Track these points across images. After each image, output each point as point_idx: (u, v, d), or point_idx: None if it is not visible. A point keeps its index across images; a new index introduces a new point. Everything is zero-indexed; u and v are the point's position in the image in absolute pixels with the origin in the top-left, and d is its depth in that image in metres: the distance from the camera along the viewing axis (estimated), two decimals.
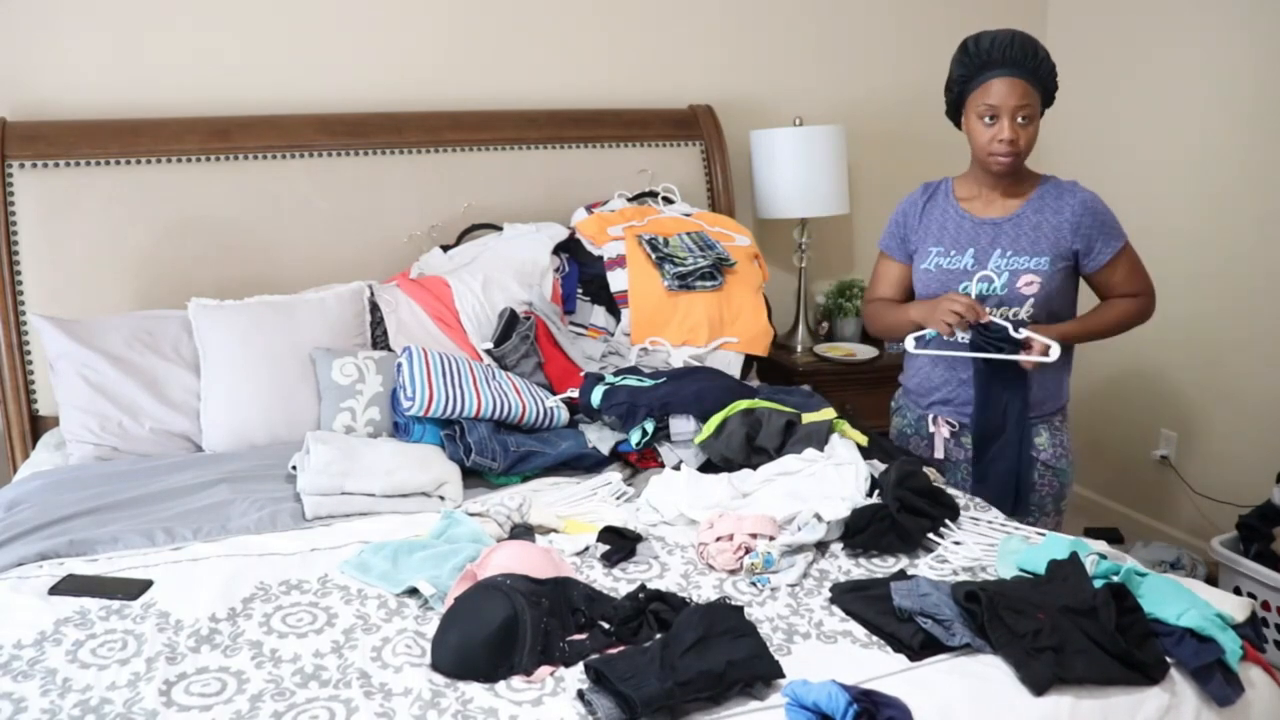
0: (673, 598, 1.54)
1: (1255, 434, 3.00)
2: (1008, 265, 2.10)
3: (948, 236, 2.18)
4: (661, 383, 2.24)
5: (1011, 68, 2.02)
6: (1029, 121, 2.04)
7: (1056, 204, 2.11)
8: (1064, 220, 2.09)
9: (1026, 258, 2.09)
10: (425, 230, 2.81)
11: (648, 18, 3.14)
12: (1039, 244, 2.10)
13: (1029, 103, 2.03)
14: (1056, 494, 2.21)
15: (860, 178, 3.39)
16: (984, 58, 2.04)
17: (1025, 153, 2.08)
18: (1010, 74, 2.02)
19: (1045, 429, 2.18)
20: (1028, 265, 2.09)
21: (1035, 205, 2.12)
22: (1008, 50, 2.01)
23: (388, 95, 2.88)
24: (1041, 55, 2.03)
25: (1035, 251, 2.09)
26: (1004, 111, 2.03)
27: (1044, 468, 2.18)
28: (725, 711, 1.31)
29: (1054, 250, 2.09)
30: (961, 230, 2.17)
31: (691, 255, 2.70)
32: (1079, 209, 2.09)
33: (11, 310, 2.44)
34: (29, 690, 1.35)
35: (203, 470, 2.09)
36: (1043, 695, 1.34)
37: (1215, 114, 3.04)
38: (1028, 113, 2.03)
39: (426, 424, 2.20)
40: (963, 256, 2.15)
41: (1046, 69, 2.05)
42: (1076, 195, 2.11)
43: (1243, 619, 1.51)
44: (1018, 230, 2.12)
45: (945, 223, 2.19)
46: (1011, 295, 2.10)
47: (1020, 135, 2.04)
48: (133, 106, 2.65)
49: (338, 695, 1.35)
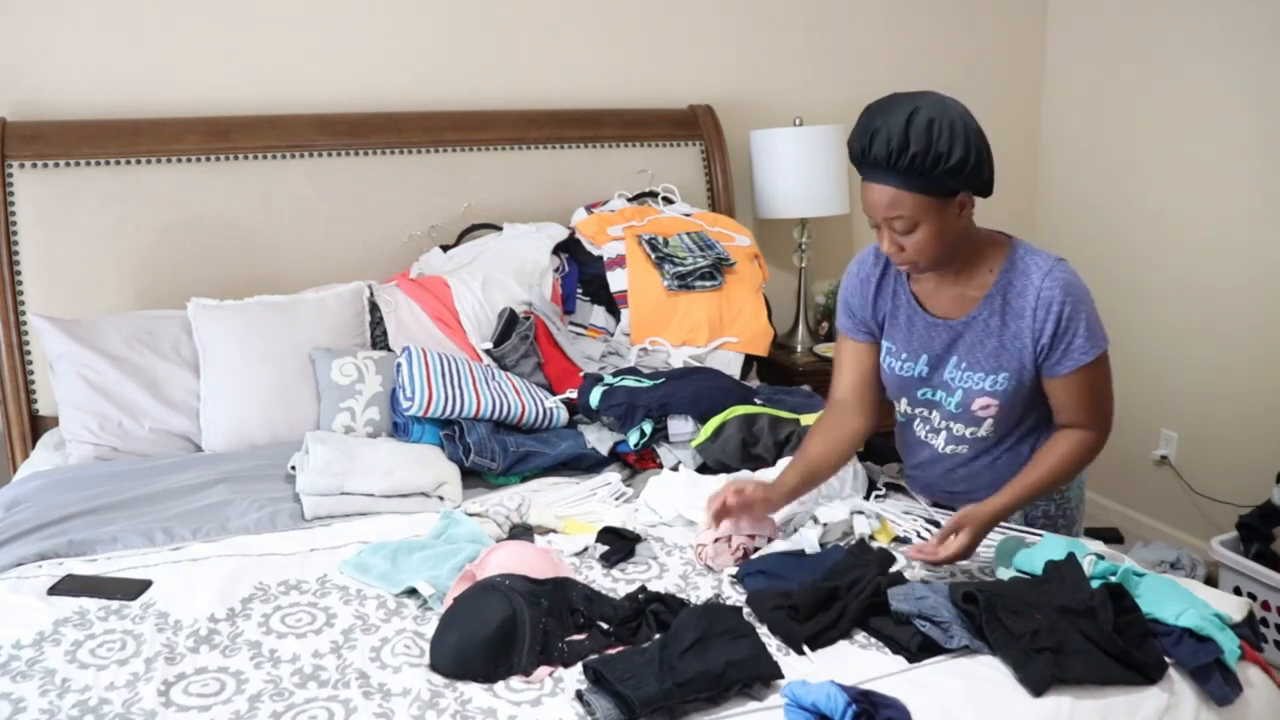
0: (671, 598, 1.54)
1: (1255, 434, 3.00)
2: (962, 381, 1.77)
3: (899, 335, 1.83)
4: (660, 383, 2.24)
5: (876, 171, 1.63)
6: (911, 229, 1.63)
7: (1019, 302, 1.70)
8: (1025, 326, 1.69)
9: (982, 375, 1.74)
10: (425, 230, 2.81)
11: (648, 18, 3.14)
12: (999, 358, 1.73)
13: (899, 212, 1.62)
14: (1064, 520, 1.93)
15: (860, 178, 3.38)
16: (854, 156, 1.67)
17: (926, 258, 1.67)
18: (875, 179, 1.64)
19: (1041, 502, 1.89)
20: (984, 385, 1.75)
21: (995, 303, 1.72)
22: (865, 153, 1.62)
23: (388, 95, 2.88)
24: (914, 150, 1.56)
25: (992, 368, 1.73)
26: (879, 222, 1.67)
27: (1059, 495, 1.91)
28: (724, 712, 1.31)
29: (1016, 364, 1.72)
30: (914, 330, 1.80)
31: (691, 255, 2.71)
32: (1041, 311, 1.68)
33: (11, 310, 2.44)
34: (28, 690, 1.36)
35: (202, 470, 2.09)
36: (1041, 696, 1.34)
37: (1216, 114, 3.04)
38: (902, 223, 1.63)
39: (426, 424, 2.20)
40: (916, 363, 1.81)
41: (925, 164, 1.57)
42: (1041, 292, 1.68)
43: (1240, 619, 1.51)
44: (973, 338, 1.74)
45: (898, 315, 1.83)
46: (965, 416, 1.79)
47: (905, 244, 1.65)
48: (133, 106, 2.65)
49: (337, 695, 1.35)
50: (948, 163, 1.57)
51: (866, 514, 1.85)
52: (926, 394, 1.83)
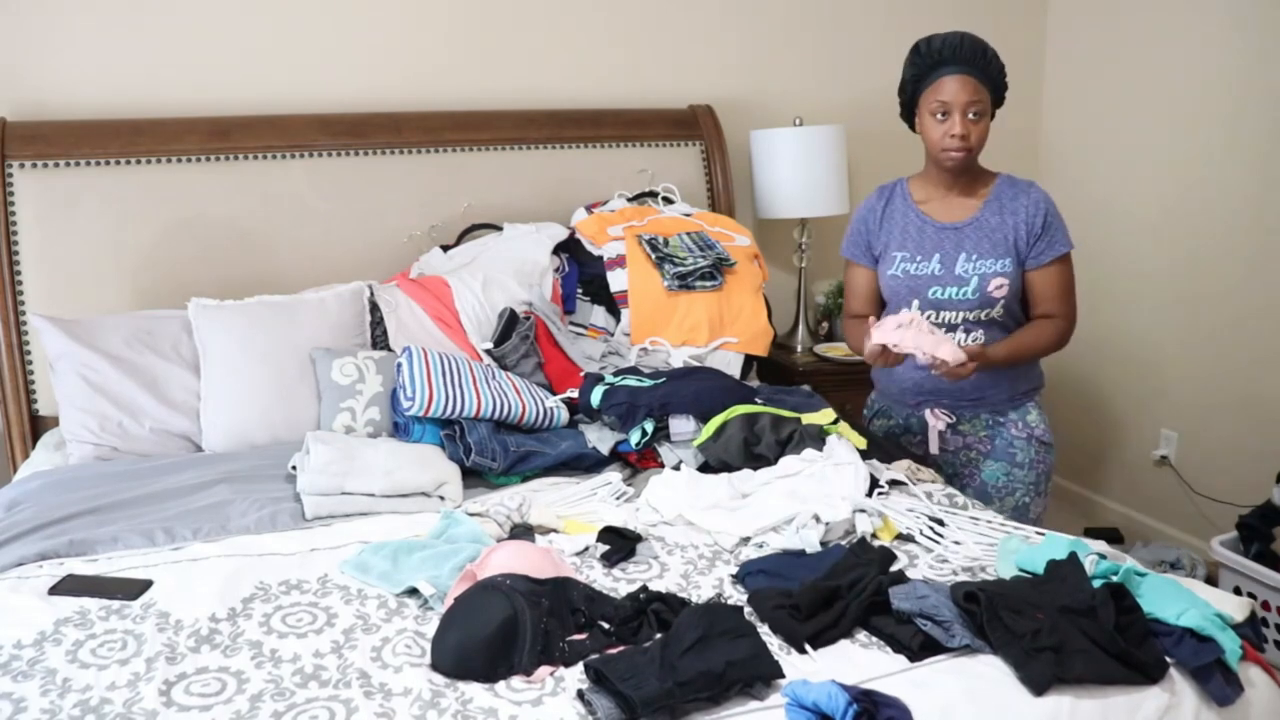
0: (672, 598, 1.54)
1: (1255, 434, 3.00)
2: (976, 269, 2.14)
3: (911, 241, 2.21)
4: (661, 383, 2.24)
5: (961, 65, 2.07)
6: (979, 118, 2.09)
7: (1013, 204, 2.15)
8: (1020, 220, 2.13)
9: (993, 260, 2.13)
10: (425, 230, 2.81)
11: (648, 18, 3.14)
12: (1000, 246, 2.13)
13: (979, 99, 2.07)
14: (1050, 469, 2.28)
15: (860, 178, 3.38)
16: (935, 57, 2.10)
17: (977, 149, 2.12)
18: (960, 71, 2.07)
19: (1034, 406, 2.25)
20: (995, 269, 2.13)
21: (994, 206, 2.16)
22: (958, 49, 2.07)
23: (388, 95, 2.88)
24: (990, 55, 2.09)
25: (997, 253, 2.13)
26: (955, 107, 2.08)
27: (1039, 444, 2.24)
28: (725, 711, 1.31)
29: (1013, 251, 2.14)
30: (925, 235, 2.20)
31: (691, 255, 2.70)
32: (1032, 208, 2.13)
33: (11, 310, 2.44)
34: (29, 690, 1.35)
35: (203, 470, 2.09)
36: (1042, 695, 1.34)
37: (1215, 114, 3.04)
38: (978, 109, 2.08)
39: (426, 424, 2.20)
40: (929, 262, 2.17)
41: (996, 68, 2.10)
42: (1031, 194, 2.15)
43: (1242, 619, 1.51)
44: (979, 233, 2.15)
45: (907, 227, 2.22)
46: (984, 299, 2.14)
47: (971, 131, 2.09)
48: (133, 106, 2.65)
49: (337, 695, 1.35)
50: (1004, 74, 2.12)
51: (869, 512, 1.85)
52: (937, 292, 2.15)
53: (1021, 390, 2.24)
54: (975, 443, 2.27)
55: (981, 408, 2.24)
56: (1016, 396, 2.24)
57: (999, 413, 2.24)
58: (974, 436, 2.27)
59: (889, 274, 2.23)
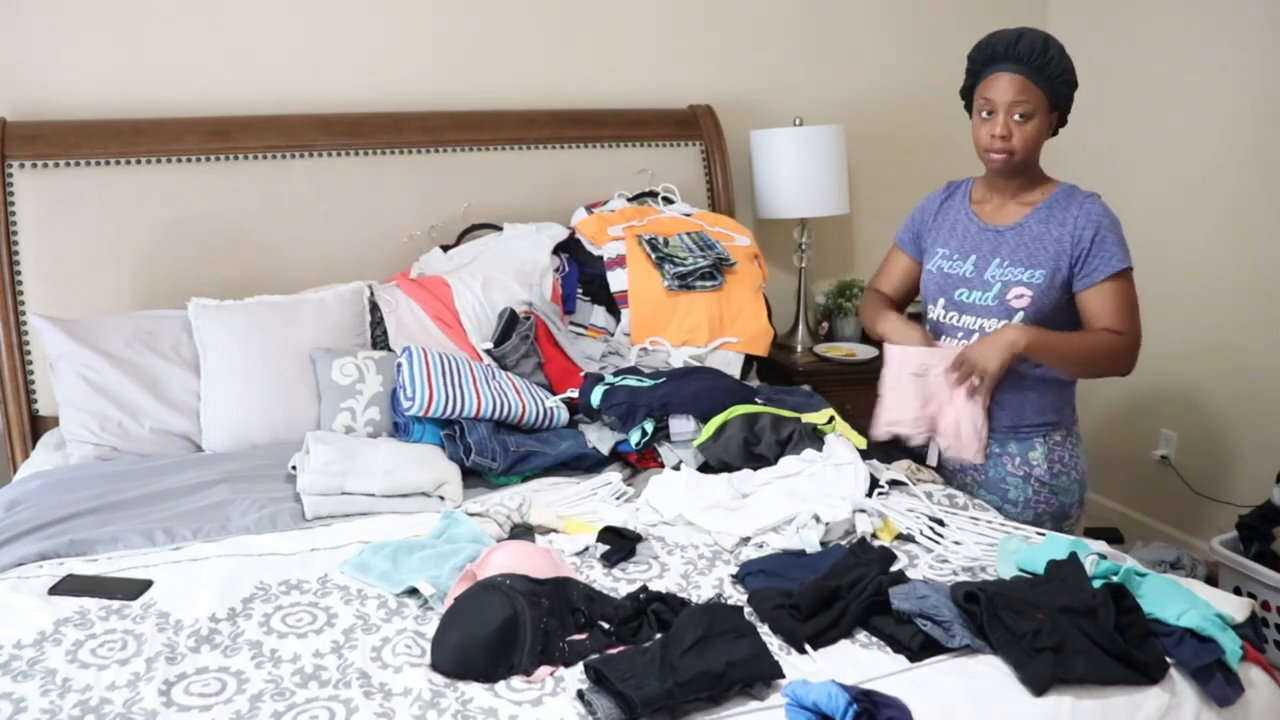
0: (672, 598, 1.54)
1: (1255, 434, 3.00)
2: (1002, 275, 2.05)
3: (955, 239, 2.15)
4: (661, 383, 2.24)
5: (1013, 63, 1.96)
6: (1026, 119, 1.97)
7: (1063, 214, 2.02)
8: (1066, 232, 2.01)
9: (1022, 269, 2.03)
10: (425, 230, 2.81)
11: (648, 18, 3.14)
12: (1037, 255, 2.02)
13: (1026, 99, 1.96)
14: (1057, 513, 2.11)
15: (860, 178, 3.39)
16: (989, 52, 2.00)
17: (1023, 152, 2.00)
18: (1010, 69, 1.96)
19: (1041, 444, 2.10)
20: (1020, 277, 2.03)
21: (1042, 214, 2.04)
22: (1011, 46, 1.96)
23: (388, 95, 2.88)
24: (1052, 54, 1.95)
25: (1032, 264, 2.02)
26: (999, 106, 1.98)
27: (1039, 484, 2.09)
28: (725, 711, 1.31)
29: (1052, 264, 2.01)
30: (968, 235, 2.13)
31: (691, 255, 2.70)
32: (1083, 220, 2.00)
33: (11, 310, 2.44)
34: (29, 690, 1.36)
35: (203, 470, 2.09)
36: (1042, 695, 1.34)
37: (1218, 116, 3.04)
38: (1024, 109, 1.96)
39: (426, 424, 2.20)
40: (965, 262, 2.11)
41: (1056, 69, 1.96)
42: (1085, 206, 2.02)
43: (1242, 619, 1.51)
44: (1019, 239, 2.05)
45: (956, 225, 2.16)
46: (1000, 307, 2.04)
47: (1015, 132, 1.98)
48: (133, 106, 2.65)
49: (337, 695, 1.35)
50: (1068, 75, 1.98)
51: (869, 512, 1.85)
52: (963, 294, 2.09)
53: (1030, 422, 2.09)
54: (971, 468, 2.15)
55: None
56: (1022, 428, 2.09)
57: (999, 442, 2.11)
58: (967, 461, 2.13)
59: (928, 268, 2.19)
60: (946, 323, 2.14)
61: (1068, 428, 2.14)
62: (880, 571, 1.59)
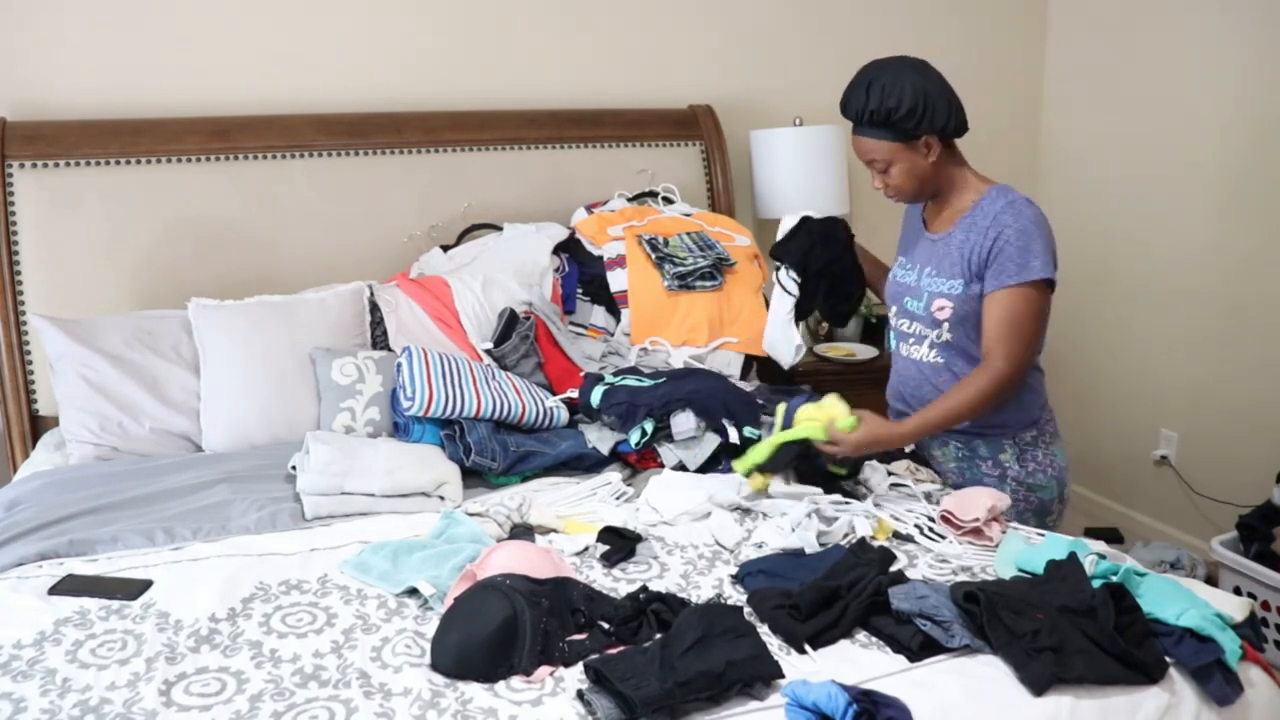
0: (672, 598, 1.54)
1: (1255, 434, 3.00)
2: (928, 286, 2.07)
3: (911, 248, 2.17)
4: (661, 383, 2.24)
5: (854, 125, 2.02)
6: (885, 168, 2.01)
7: (982, 221, 1.98)
8: (976, 239, 1.97)
9: (943, 280, 2.04)
10: (425, 230, 2.81)
11: (648, 18, 3.14)
12: (955, 266, 2.01)
13: (874, 156, 2.00)
14: (1037, 509, 2.12)
15: (860, 178, 3.38)
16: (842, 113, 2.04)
17: (907, 189, 2.03)
18: (854, 131, 2.02)
19: (1010, 445, 2.09)
20: (941, 289, 2.04)
21: (967, 222, 2.01)
22: (844, 110, 2.01)
23: (387, 95, 2.88)
24: (872, 105, 1.92)
25: (951, 273, 2.02)
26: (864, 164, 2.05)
27: (1015, 483, 2.09)
28: (725, 712, 1.31)
29: (966, 273, 1.99)
30: (916, 243, 2.15)
31: (691, 255, 2.71)
32: (992, 229, 1.95)
33: (11, 310, 2.44)
34: (29, 690, 1.35)
35: (203, 470, 2.09)
36: (1042, 695, 1.34)
37: (1217, 114, 3.04)
38: (878, 165, 2.01)
39: (426, 424, 2.20)
40: (912, 271, 2.13)
41: (881, 115, 1.92)
42: (999, 215, 1.96)
43: (1242, 619, 1.51)
44: (945, 250, 2.04)
45: (910, 233, 2.20)
46: (929, 319, 2.06)
47: (886, 183, 2.03)
48: (133, 106, 2.65)
49: (337, 695, 1.35)
50: (898, 114, 1.92)
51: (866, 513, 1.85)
52: (909, 302, 2.12)
53: (992, 424, 2.08)
54: (947, 471, 2.16)
55: (949, 435, 2.13)
56: (987, 432, 2.09)
57: (968, 447, 2.12)
58: (945, 465, 2.17)
59: (889, 276, 2.23)
60: (899, 329, 2.17)
61: (1039, 426, 2.11)
62: (880, 571, 1.59)
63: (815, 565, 1.67)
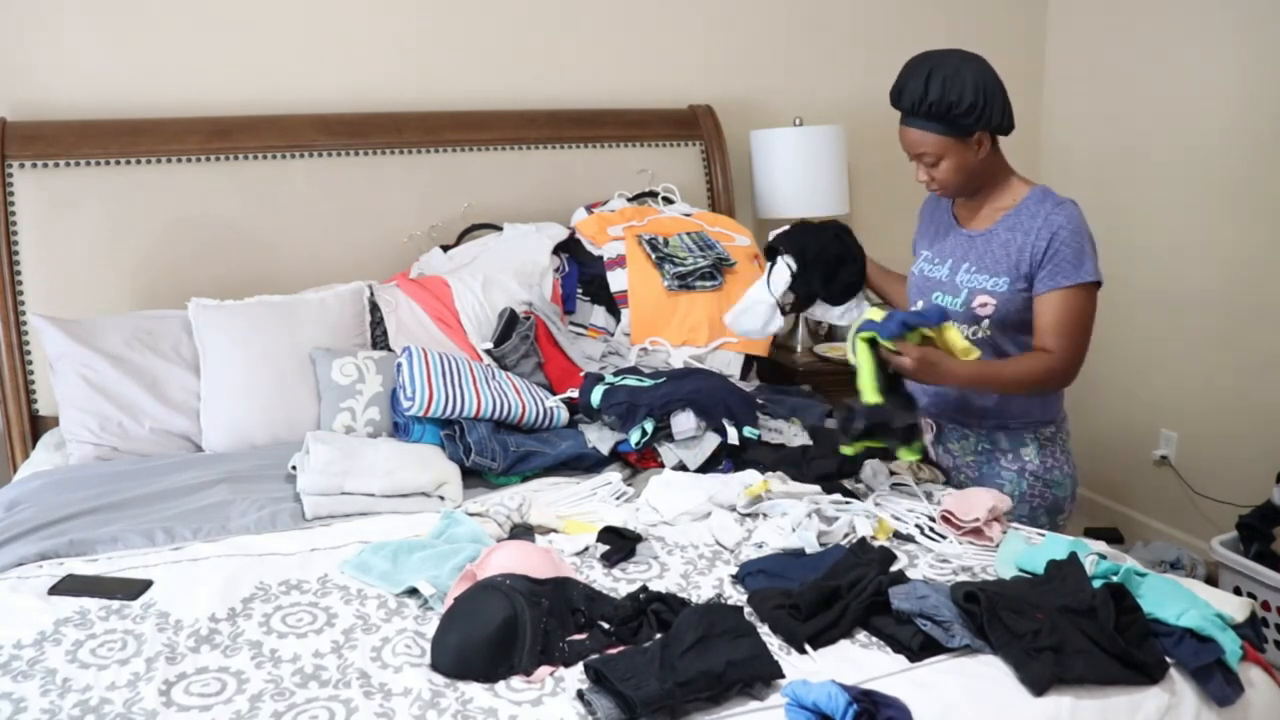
0: (672, 598, 1.54)
1: (1255, 434, 3.00)
2: (968, 283, 2.04)
3: (936, 243, 2.16)
4: (661, 382, 2.24)
5: (906, 115, 2.00)
6: (935, 162, 1.99)
7: (1029, 221, 1.98)
8: (1028, 240, 1.97)
9: (986, 277, 2.02)
10: (425, 230, 2.81)
11: (648, 18, 3.14)
12: (1000, 264, 2.00)
13: (924, 150, 1.98)
14: (1051, 506, 2.11)
15: (860, 178, 3.39)
16: (892, 102, 2.02)
17: (952, 185, 2.02)
18: (906, 121, 2.00)
19: (1032, 439, 2.09)
20: (985, 285, 2.02)
21: (1010, 221, 2.01)
22: (896, 100, 1.99)
23: (388, 95, 2.88)
24: (932, 98, 1.91)
25: (995, 271, 2.01)
26: (910, 156, 2.03)
27: (1033, 479, 2.09)
28: (725, 711, 1.31)
29: (1013, 272, 1.99)
30: (946, 239, 2.13)
31: (691, 255, 2.71)
32: (1045, 230, 1.95)
33: (11, 310, 2.44)
34: (29, 690, 1.35)
35: (203, 470, 2.09)
36: (1042, 695, 1.34)
37: (1217, 116, 3.04)
38: (927, 159, 1.99)
39: (426, 424, 2.20)
40: (942, 266, 2.11)
41: (941, 109, 1.91)
42: (1050, 216, 1.97)
43: (1242, 619, 1.51)
44: (986, 247, 2.03)
45: (938, 228, 2.17)
46: (968, 314, 2.04)
47: (932, 176, 2.01)
48: (133, 106, 2.65)
49: (337, 695, 1.35)
50: (959, 109, 1.91)
51: (866, 513, 1.85)
52: (939, 297, 2.09)
53: (1017, 419, 2.08)
54: (964, 465, 2.16)
55: (969, 429, 2.13)
56: (1010, 426, 2.09)
57: (989, 440, 2.12)
58: (962, 459, 2.16)
59: (911, 270, 2.20)
60: None
61: (1057, 424, 2.13)
62: (880, 571, 1.59)
63: (815, 565, 1.67)
